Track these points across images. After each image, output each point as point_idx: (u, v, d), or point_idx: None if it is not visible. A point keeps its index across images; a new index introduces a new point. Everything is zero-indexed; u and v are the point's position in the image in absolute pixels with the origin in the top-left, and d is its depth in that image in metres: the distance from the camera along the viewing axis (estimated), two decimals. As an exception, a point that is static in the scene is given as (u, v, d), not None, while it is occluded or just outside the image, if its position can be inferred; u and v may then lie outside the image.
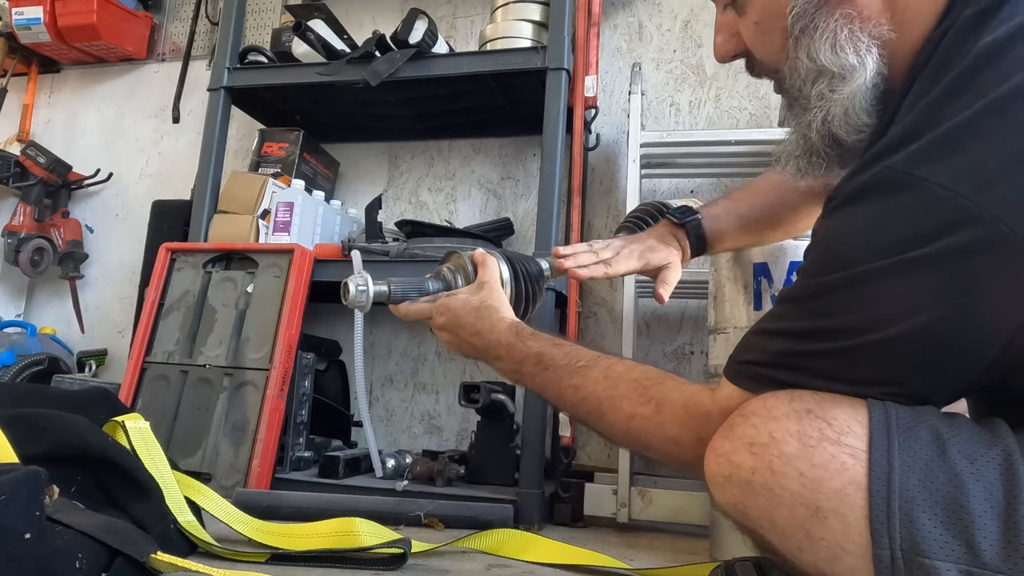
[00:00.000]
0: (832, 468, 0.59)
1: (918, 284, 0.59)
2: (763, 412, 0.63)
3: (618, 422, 0.79)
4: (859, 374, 0.62)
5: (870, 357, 0.62)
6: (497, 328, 0.90)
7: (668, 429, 0.75)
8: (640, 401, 0.77)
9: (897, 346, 0.60)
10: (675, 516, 1.49)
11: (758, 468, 0.62)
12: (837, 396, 0.62)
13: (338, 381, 1.96)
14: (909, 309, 0.59)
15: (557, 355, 0.86)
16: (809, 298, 0.66)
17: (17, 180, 2.34)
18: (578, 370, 0.83)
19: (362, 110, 2.02)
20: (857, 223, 0.63)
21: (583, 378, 0.83)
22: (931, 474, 0.57)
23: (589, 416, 0.83)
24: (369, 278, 0.94)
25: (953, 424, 0.61)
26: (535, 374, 0.87)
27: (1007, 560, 0.53)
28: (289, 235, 1.82)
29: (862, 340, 0.61)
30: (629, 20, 2.07)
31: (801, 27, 0.72)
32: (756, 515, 0.63)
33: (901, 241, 0.59)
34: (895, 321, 0.60)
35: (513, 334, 0.89)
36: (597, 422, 0.82)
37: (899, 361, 0.61)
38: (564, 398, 0.85)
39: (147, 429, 1.05)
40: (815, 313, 0.65)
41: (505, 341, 0.89)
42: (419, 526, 1.31)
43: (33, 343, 2.23)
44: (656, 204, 1.16)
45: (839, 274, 0.63)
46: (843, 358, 0.63)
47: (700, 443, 0.70)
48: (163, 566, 0.84)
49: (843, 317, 0.62)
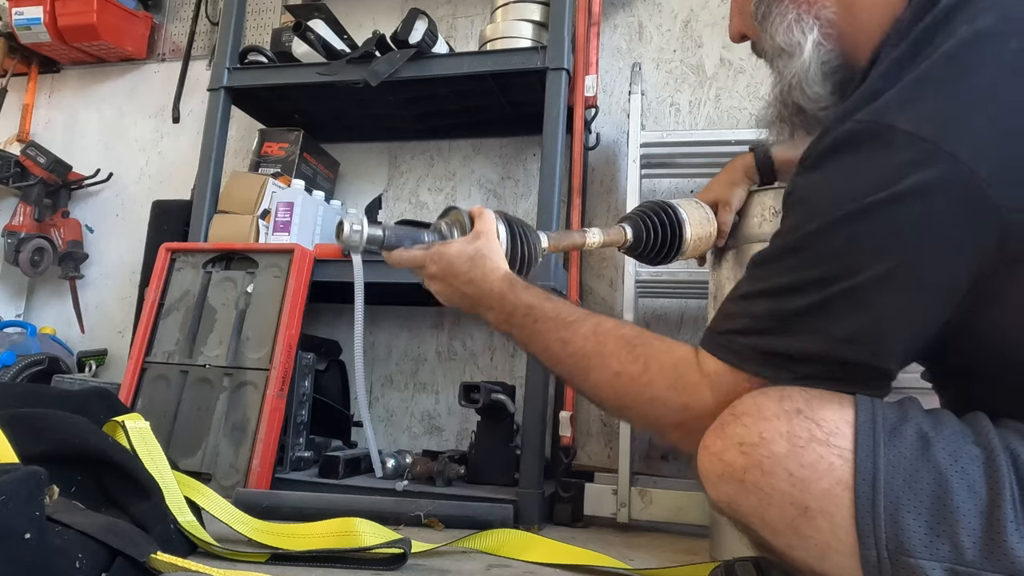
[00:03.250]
0: (820, 468, 0.60)
1: (887, 224, 0.61)
2: (754, 412, 0.64)
3: (603, 379, 0.78)
4: (838, 328, 0.63)
5: (848, 304, 0.63)
6: (490, 278, 0.89)
7: (654, 389, 0.74)
8: (628, 359, 0.77)
9: (872, 289, 0.62)
10: (675, 516, 1.49)
11: (749, 467, 0.63)
12: (826, 395, 0.63)
13: (338, 381, 1.96)
14: (880, 250, 0.61)
15: (548, 308, 0.85)
16: (786, 255, 0.68)
17: (17, 180, 2.34)
18: (567, 324, 0.82)
19: (362, 110, 2.02)
20: (828, 176, 0.66)
21: (571, 332, 0.81)
22: (916, 474, 0.58)
23: (575, 371, 0.81)
24: (365, 221, 0.92)
25: (938, 422, 0.62)
26: (524, 326, 0.86)
27: (990, 557, 0.54)
28: (289, 235, 1.82)
29: (839, 287, 0.63)
30: (629, 20, 2.07)
31: (763, 12, 0.82)
32: (748, 513, 0.64)
33: (870, 185, 0.62)
34: (869, 263, 0.62)
35: (506, 284, 0.88)
36: (582, 378, 0.81)
37: (875, 306, 0.62)
38: (551, 351, 0.83)
39: (147, 429, 1.05)
40: (792, 268, 0.67)
41: (497, 291, 0.88)
42: (419, 526, 1.31)
43: (33, 343, 2.23)
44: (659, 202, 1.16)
45: (813, 225, 0.65)
46: (822, 311, 0.64)
47: (684, 409, 0.72)
48: (163, 566, 0.84)
49: (820, 267, 0.64)
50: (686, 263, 1.80)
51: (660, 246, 1.12)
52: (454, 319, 2.07)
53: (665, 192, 1.94)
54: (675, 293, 1.80)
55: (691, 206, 1.16)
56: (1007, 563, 0.54)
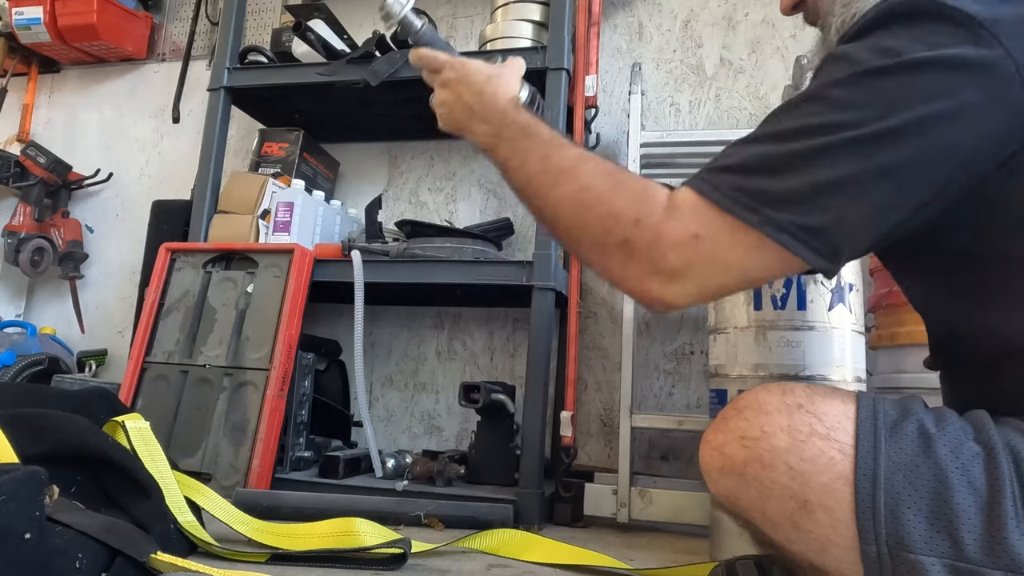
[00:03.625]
0: (821, 463, 0.60)
1: (914, 84, 0.61)
2: (755, 406, 0.64)
3: (571, 192, 0.75)
4: (826, 174, 0.62)
5: (845, 153, 0.62)
6: (499, 94, 0.87)
7: (614, 202, 0.71)
8: (601, 177, 0.74)
9: (874, 143, 0.61)
10: (675, 516, 1.49)
11: (749, 461, 0.63)
12: (828, 391, 0.64)
13: (338, 381, 1.96)
14: (897, 105, 0.61)
15: (543, 131, 0.82)
16: (802, 102, 0.67)
17: (17, 180, 2.34)
18: (557, 146, 0.80)
19: (362, 110, 2.02)
20: (870, 41, 0.66)
21: (556, 151, 0.79)
22: (916, 470, 0.58)
23: (545, 184, 0.78)
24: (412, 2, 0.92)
25: (939, 419, 0.62)
26: (514, 139, 0.83)
27: (990, 553, 0.55)
28: (289, 235, 1.82)
29: (843, 136, 0.62)
30: (629, 20, 2.07)
31: None
32: (748, 506, 0.64)
33: (909, 45, 0.62)
34: (880, 117, 0.61)
35: (512, 104, 0.86)
36: (548, 192, 0.77)
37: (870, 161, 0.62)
38: (528, 164, 0.80)
39: (147, 429, 1.05)
40: (804, 114, 0.66)
41: (502, 106, 0.86)
42: (419, 526, 1.31)
43: (33, 343, 2.23)
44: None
45: (840, 75, 0.65)
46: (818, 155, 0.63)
47: (635, 223, 0.69)
48: (163, 566, 0.84)
49: (831, 114, 0.64)
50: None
51: None
52: (454, 319, 2.07)
53: (665, 192, 1.94)
54: (675, 293, 1.79)
55: None
56: (1007, 560, 0.54)
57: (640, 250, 0.68)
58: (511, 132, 0.83)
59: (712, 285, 0.67)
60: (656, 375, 1.86)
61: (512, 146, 0.83)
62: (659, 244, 0.67)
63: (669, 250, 0.66)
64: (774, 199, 0.63)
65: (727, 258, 0.65)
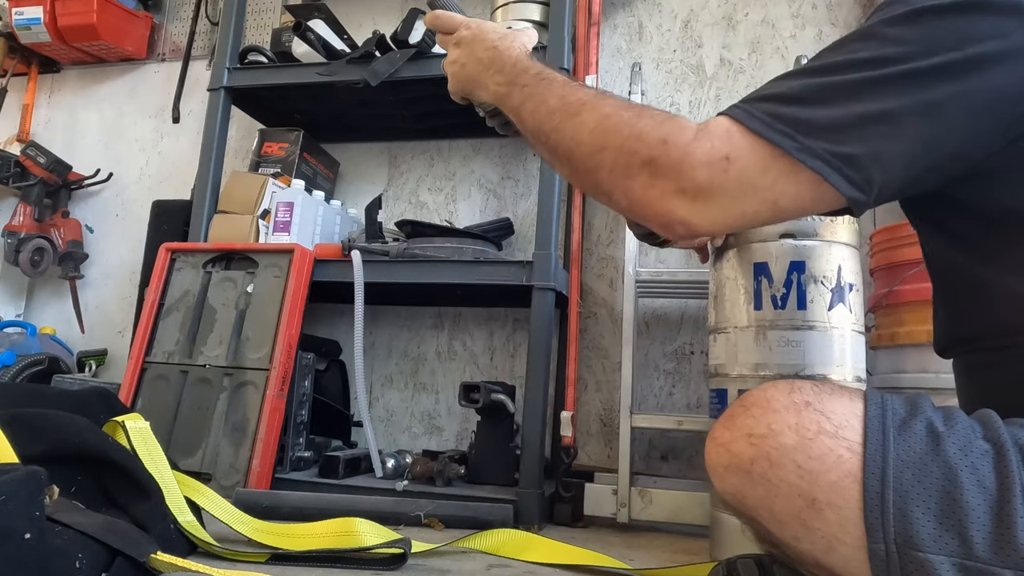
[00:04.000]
0: (829, 461, 0.60)
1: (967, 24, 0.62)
2: (763, 404, 0.64)
3: (592, 119, 0.73)
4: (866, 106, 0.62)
5: (890, 87, 0.62)
6: (514, 47, 0.88)
7: (639, 124, 0.70)
8: (624, 108, 0.73)
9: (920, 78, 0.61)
10: (675, 516, 1.49)
11: (756, 458, 0.63)
12: (836, 389, 0.64)
13: (338, 381, 1.96)
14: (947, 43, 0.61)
15: (558, 76, 0.82)
16: (851, 41, 0.67)
17: (17, 180, 2.34)
18: (573, 85, 0.79)
19: (362, 110, 2.02)
20: None
21: (575, 91, 0.78)
22: (925, 468, 0.58)
23: (563, 117, 0.76)
24: None
25: (948, 417, 0.62)
26: (528, 84, 0.82)
27: (1000, 552, 0.54)
28: (289, 235, 1.82)
29: (889, 70, 0.62)
30: (629, 20, 2.07)
31: None
32: (754, 504, 0.64)
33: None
34: (928, 53, 0.61)
35: (524, 54, 0.87)
36: (567, 122, 0.75)
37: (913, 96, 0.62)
38: (545, 105, 0.78)
39: (147, 429, 1.05)
40: (852, 50, 0.66)
41: (516, 55, 0.87)
42: (419, 526, 1.31)
43: (33, 343, 2.23)
44: None
45: (895, 13, 0.65)
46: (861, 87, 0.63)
47: (662, 143, 0.67)
48: (163, 566, 0.84)
49: (880, 49, 0.64)
50: (687, 263, 1.81)
51: None
52: (454, 319, 2.07)
53: (665, 192, 1.94)
54: (675, 293, 1.79)
55: None
56: (1017, 558, 0.54)
57: (666, 168, 0.67)
58: (526, 79, 0.83)
59: (738, 210, 0.66)
60: (656, 375, 1.86)
61: (527, 91, 0.82)
62: (687, 161, 0.65)
63: (697, 168, 0.65)
64: (812, 127, 0.63)
65: (757, 182, 0.64)
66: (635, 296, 1.66)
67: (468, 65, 0.91)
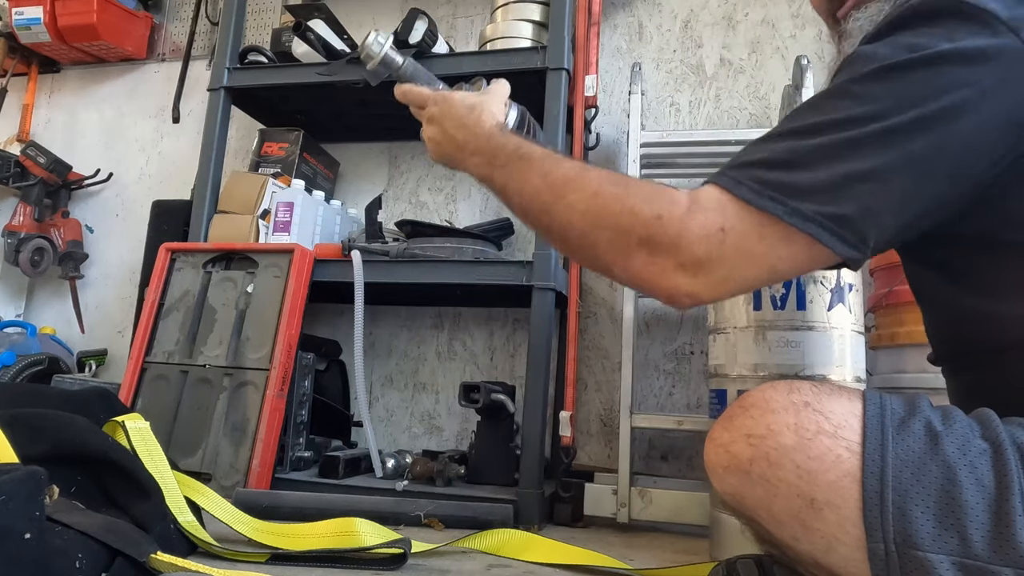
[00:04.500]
0: (828, 461, 0.60)
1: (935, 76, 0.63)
2: (762, 404, 0.64)
3: (580, 200, 0.73)
4: (850, 166, 0.63)
5: (869, 145, 0.63)
6: (484, 122, 0.87)
7: (630, 201, 0.70)
8: (610, 182, 0.73)
9: (898, 134, 0.62)
10: (675, 516, 1.49)
11: (755, 459, 0.63)
12: (835, 389, 0.64)
13: (338, 381, 1.96)
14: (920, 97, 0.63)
15: (535, 149, 0.82)
16: (825, 98, 0.68)
17: (17, 180, 2.34)
18: (553, 160, 0.79)
19: (362, 110, 2.02)
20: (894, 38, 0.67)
21: (556, 165, 0.78)
22: (924, 467, 0.58)
23: (550, 198, 0.76)
24: (391, 40, 0.92)
25: (946, 417, 0.62)
26: (507, 163, 0.82)
27: (998, 550, 0.55)
28: (289, 235, 1.82)
29: (866, 129, 0.63)
30: (629, 20, 2.07)
31: None
32: (753, 505, 0.64)
33: (930, 40, 0.63)
34: (904, 109, 0.62)
35: (497, 128, 0.87)
36: (555, 204, 0.75)
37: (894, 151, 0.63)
38: (529, 184, 0.78)
39: (147, 429, 1.05)
40: (827, 109, 0.67)
41: (487, 132, 0.86)
42: (419, 526, 1.31)
43: (33, 343, 2.23)
44: None
45: (865, 70, 0.66)
46: (842, 147, 0.64)
47: (656, 220, 0.68)
48: (163, 566, 0.84)
49: (855, 108, 0.64)
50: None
51: None
52: (454, 319, 2.07)
53: (665, 192, 1.94)
54: (675, 293, 1.79)
55: None
56: (1016, 556, 0.54)
57: (664, 245, 0.67)
58: (503, 158, 0.83)
59: (739, 277, 0.67)
60: (656, 375, 1.86)
61: (508, 171, 0.82)
62: (685, 236, 0.66)
63: (695, 242, 0.66)
64: (801, 191, 0.64)
65: (754, 249, 0.65)
66: (635, 296, 1.66)
67: (443, 144, 0.91)
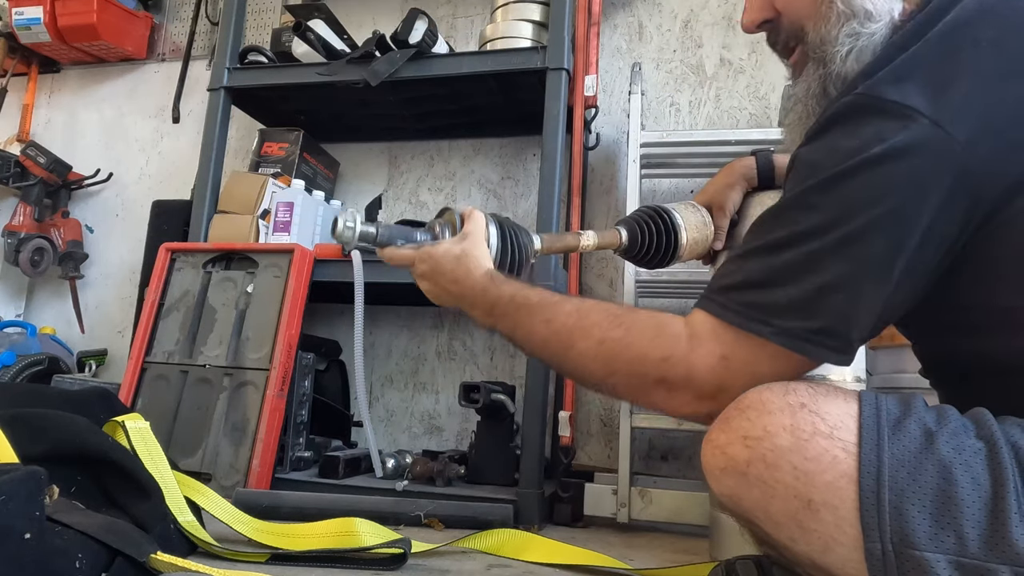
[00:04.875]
0: (824, 462, 0.60)
1: (876, 177, 0.66)
2: (758, 406, 0.65)
3: (588, 349, 0.78)
4: (820, 277, 0.67)
5: (833, 253, 0.66)
6: (473, 275, 0.91)
7: (636, 347, 0.75)
8: (611, 326, 0.78)
9: (857, 238, 0.66)
10: (675, 516, 1.49)
11: (752, 460, 0.63)
12: (831, 390, 0.64)
13: (338, 381, 1.96)
14: (869, 200, 0.66)
15: (531, 295, 0.86)
16: (784, 210, 0.72)
17: (17, 180, 2.34)
18: (550, 306, 0.83)
19: (362, 110, 2.02)
20: (828, 141, 0.71)
21: (554, 311, 0.82)
22: (920, 467, 0.58)
23: (559, 348, 0.81)
24: (359, 217, 0.94)
25: (941, 416, 0.63)
26: (507, 314, 0.87)
27: (995, 549, 0.55)
28: (289, 235, 1.82)
29: (827, 238, 0.67)
30: (629, 20, 2.07)
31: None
32: (750, 506, 0.64)
33: (863, 143, 0.67)
34: (857, 213, 0.66)
35: (487, 279, 0.90)
36: (567, 352, 0.81)
37: (858, 254, 0.66)
38: (535, 334, 0.84)
39: (147, 429, 1.05)
40: (788, 222, 0.70)
41: (480, 286, 0.90)
42: (419, 526, 1.31)
43: (33, 343, 2.23)
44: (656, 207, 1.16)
45: (811, 181, 0.69)
46: (809, 261, 0.67)
47: (664, 361, 0.73)
48: (163, 566, 0.84)
49: (813, 219, 0.68)
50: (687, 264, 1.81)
51: (655, 251, 1.13)
52: (454, 319, 2.07)
53: (665, 192, 1.94)
54: (675, 293, 1.80)
55: (688, 210, 1.16)
56: (1012, 554, 0.54)
57: (678, 384, 0.72)
58: (501, 308, 0.87)
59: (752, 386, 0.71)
60: (656, 375, 1.86)
61: (509, 322, 0.87)
62: (694, 373, 0.71)
63: (705, 376, 0.71)
64: (781, 309, 0.68)
65: (756, 370, 0.70)
66: (635, 296, 1.66)
67: (442, 296, 0.95)
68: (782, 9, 0.86)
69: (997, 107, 0.65)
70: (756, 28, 0.90)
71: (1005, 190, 0.65)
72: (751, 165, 1.19)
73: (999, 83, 0.65)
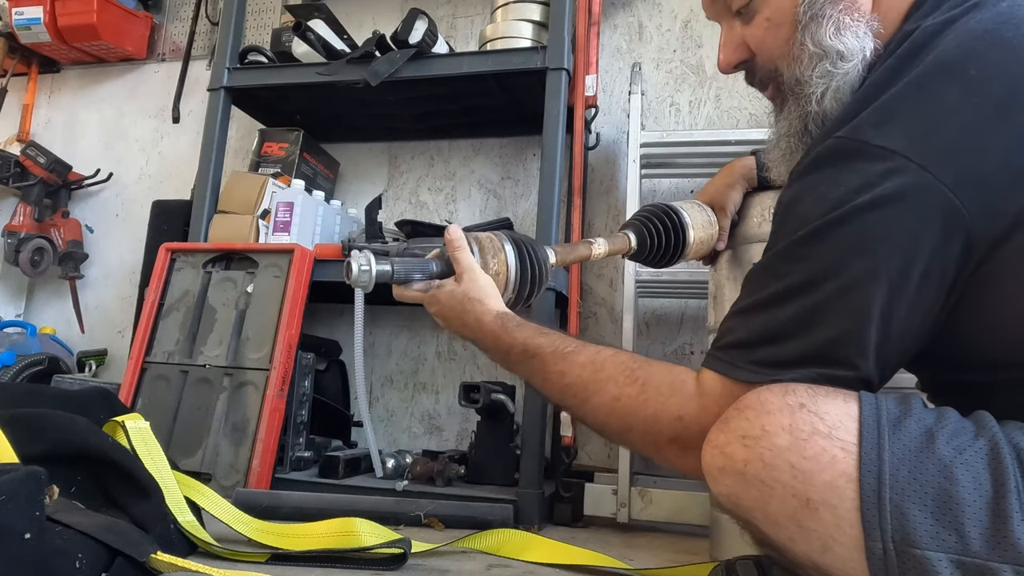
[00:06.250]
0: (823, 461, 0.60)
1: (867, 226, 0.65)
2: (757, 406, 0.65)
3: (603, 404, 0.80)
4: (824, 331, 0.66)
5: (833, 305, 0.66)
6: (483, 320, 0.92)
7: (651, 405, 0.76)
8: (626, 382, 0.79)
9: (855, 288, 0.65)
10: (675, 516, 1.49)
11: (750, 460, 0.63)
12: (830, 390, 0.64)
13: (338, 381, 1.96)
14: (862, 250, 0.65)
15: (543, 343, 0.87)
16: (777, 263, 0.72)
17: (17, 180, 2.34)
18: (564, 356, 0.85)
19: (362, 110, 2.02)
20: (813, 188, 0.71)
21: (568, 364, 0.84)
22: (921, 466, 0.58)
23: (575, 400, 0.83)
24: (372, 258, 0.92)
25: (941, 416, 0.63)
26: (521, 362, 0.89)
27: (996, 547, 0.55)
28: (289, 235, 1.82)
29: (825, 289, 0.66)
30: (629, 20, 2.07)
31: (810, 15, 0.80)
32: (749, 506, 0.64)
33: (849, 192, 0.67)
34: (852, 263, 0.66)
35: (498, 325, 0.91)
36: (583, 406, 0.83)
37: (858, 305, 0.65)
38: (550, 383, 0.86)
39: (147, 429, 1.05)
40: (783, 275, 0.70)
41: (491, 333, 0.91)
42: (419, 526, 1.31)
43: (33, 343, 2.23)
44: (662, 206, 1.16)
45: (801, 232, 0.69)
46: (810, 314, 0.67)
47: (678, 420, 0.74)
48: (163, 566, 0.84)
49: (808, 271, 0.68)
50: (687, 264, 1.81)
51: (664, 250, 1.12)
52: (454, 319, 2.07)
53: (665, 192, 1.94)
54: (675, 293, 1.80)
55: (694, 209, 1.16)
56: (1014, 553, 0.54)
57: (692, 442, 0.73)
58: (515, 356, 0.89)
59: None
60: (656, 375, 1.86)
61: (523, 369, 0.89)
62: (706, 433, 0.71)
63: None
64: (793, 362, 0.68)
65: None
66: (635, 296, 1.66)
67: (460, 335, 0.96)
68: (756, 50, 0.87)
69: (982, 150, 0.65)
70: (732, 69, 0.90)
71: (1002, 228, 0.64)
72: (751, 165, 1.19)
73: (983, 125, 0.65)
